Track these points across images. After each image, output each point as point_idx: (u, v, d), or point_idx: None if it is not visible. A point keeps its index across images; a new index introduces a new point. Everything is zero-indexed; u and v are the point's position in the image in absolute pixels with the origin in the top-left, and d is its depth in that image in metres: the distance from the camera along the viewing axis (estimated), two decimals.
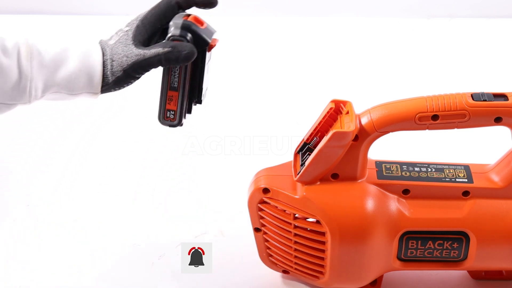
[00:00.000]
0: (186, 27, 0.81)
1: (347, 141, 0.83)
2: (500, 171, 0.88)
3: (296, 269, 0.94)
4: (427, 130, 0.85)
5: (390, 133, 0.85)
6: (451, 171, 0.89)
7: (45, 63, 0.80)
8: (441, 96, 0.84)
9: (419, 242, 0.88)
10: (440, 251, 0.89)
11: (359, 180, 0.87)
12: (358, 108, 0.86)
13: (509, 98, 0.83)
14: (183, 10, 0.84)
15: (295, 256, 0.92)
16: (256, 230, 0.93)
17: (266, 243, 0.94)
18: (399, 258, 0.90)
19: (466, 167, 0.90)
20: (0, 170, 1.21)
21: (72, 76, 0.81)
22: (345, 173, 0.86)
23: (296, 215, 0.88)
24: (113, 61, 0.81)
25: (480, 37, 1.58)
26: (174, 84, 0.83)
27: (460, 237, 0.88)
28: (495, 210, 0.88)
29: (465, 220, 0.87)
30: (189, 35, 0.81)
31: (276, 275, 0.99)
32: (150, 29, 0.83)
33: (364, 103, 0.88)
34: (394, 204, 0.88)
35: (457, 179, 0.88)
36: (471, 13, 1.66)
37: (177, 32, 0.81)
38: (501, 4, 1.66)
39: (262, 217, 0.91)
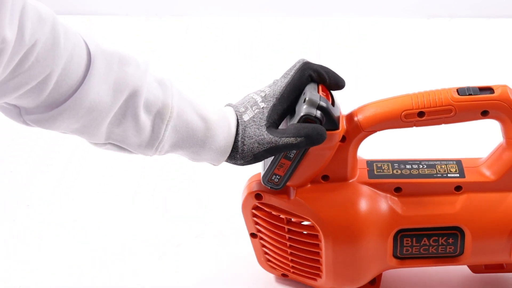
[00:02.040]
0: (322, 108, 0.79)
1: (334, 143, 0.83)
2: (492, 164, 0.88)
3: (293, 272, 0.93)
4: (414, 127, 0.84)
5: (379, 132, 0.84)
6: (443, 166, 0.89)
7: (180, 129, 0.79)
8: (427, 92, 0.83)
9: (414, 239, 0.88)
10: (435, 247, 0.89)
11: (350, 181, 0.87)
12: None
13: (495, 91, 0.83)
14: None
15: (291, 260, 0.92)
16: (252, 235, 0.92)
17: (263, 248, 0.93)
18: (395, 256, 0.90)
19: (458, 162, 0.90)
20: (0, 170, 1.21)
21: (199, 150, 0.81)
22: (335, 174, 0.86)
23: (292, 219, 0.88)
24: (244, 145, 0.81)
25: (480, 37, 1.58)
26: (290, 154, 0.82)
27: (455, 232, 0.88)
28: (488, 203, 0.88)
29: (459, 215, 0.87)
30: (322, 115, 0.79)
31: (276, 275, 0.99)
32: (286, 106, 0.82)
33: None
34: (387, 202, 0.87)
35: (449, 175, 0.88)
36: (471, 13, 1.66)
37: (313, 112, 0.79)
38: (501, 4, 1.66)
39: (257, 223, 0.91)
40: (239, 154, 0.81)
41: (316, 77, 0.82)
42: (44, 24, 0.66)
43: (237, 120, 0.82)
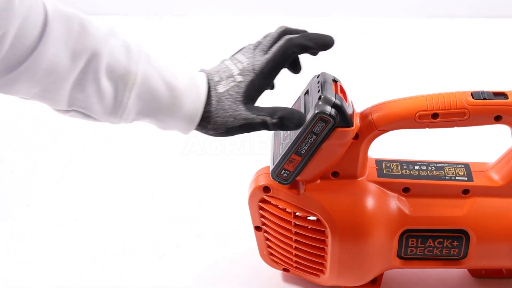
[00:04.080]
0: (336, 106, 0.79)
1: (348, 139, 0.83)
2: (500, 169, 0.88)
3: (296, 267, 0.94)
4: (427, 129, 0.85)
5: (390, 131, 0.85)
6: (451, 169, 0.89)
7: (145, 96, 0.76)
8: (441, 94, 0.84)
9: (419, 240, 0.88)
10: (440, 249, 0.89)
11: (359, 179, 0.87)
12: (358, 107, 0.86)
13: (509, 96, 0.83)
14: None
15: (296, 254, 0.92)
16: (257, 228, 0.93)
17: (266, 242, 0.94)
18: (399, 256, 0.90)
19: (466, 166, 0.90)
20: (0, 170, 1.21)
21: (166, 119, 0.79)
22: (346, 171, 0.86)
23: (297, 213, 0.88)
24: (217, 116, 0.78)
25: (480, 37, 1.58)
26: (301, 150, 0.83)
27: (460, 235, 0.88)
28: (495, 208, 0.88)
29: (465, 218, 0.87)
30: (336, 113, 0.80)
31: (277, 275, 0.99)
32: (265, 84, 0.80)
33: (365, 102, 0.88)
34: (394, 202, 0.88)
35: (457, 178, 0.88)
36: (471, 13, 1.66)
37: (328, 110, 0.80)
38: (501, 4, 1.66)
39: (262, 216, 0.91)
40: (211, 125, 0.79)
41: (301, 51, 0.80)
42: None
43: (209, 88, 0.80)
